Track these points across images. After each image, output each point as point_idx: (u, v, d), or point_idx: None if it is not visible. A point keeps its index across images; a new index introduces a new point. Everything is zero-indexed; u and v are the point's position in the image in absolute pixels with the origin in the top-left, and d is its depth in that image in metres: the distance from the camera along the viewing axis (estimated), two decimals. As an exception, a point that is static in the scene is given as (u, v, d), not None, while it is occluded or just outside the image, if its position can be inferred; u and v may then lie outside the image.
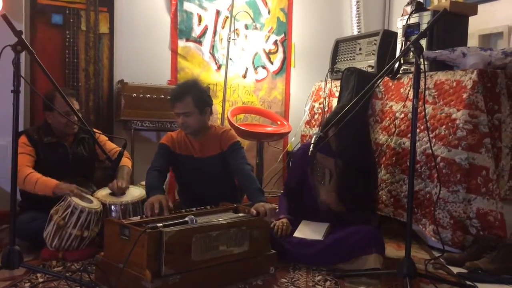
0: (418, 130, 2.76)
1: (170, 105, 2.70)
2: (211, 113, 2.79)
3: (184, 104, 2.61)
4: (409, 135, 2.75)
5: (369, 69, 3.45)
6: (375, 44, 3.47)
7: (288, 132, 4.10)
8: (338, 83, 3.56)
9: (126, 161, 2.88)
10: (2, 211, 2.87)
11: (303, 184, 2.68)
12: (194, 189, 2.76)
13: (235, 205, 2.47)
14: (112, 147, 2.93)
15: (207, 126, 2.78)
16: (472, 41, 3.54)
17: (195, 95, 2.63)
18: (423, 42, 2.96)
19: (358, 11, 4.67)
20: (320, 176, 2.64)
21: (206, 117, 2.73)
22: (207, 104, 2.71)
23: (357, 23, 4.68)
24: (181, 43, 4.02)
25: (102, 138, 2.95)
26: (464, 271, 2.36)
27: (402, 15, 3.31)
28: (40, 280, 2.08)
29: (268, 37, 4.42)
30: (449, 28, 3.04)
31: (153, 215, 2.22)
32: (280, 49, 4.50)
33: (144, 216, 2.22)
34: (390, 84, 3.22)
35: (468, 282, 2.19)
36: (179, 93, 2.65)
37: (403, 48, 3.13)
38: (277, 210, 2.68)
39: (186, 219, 2.05)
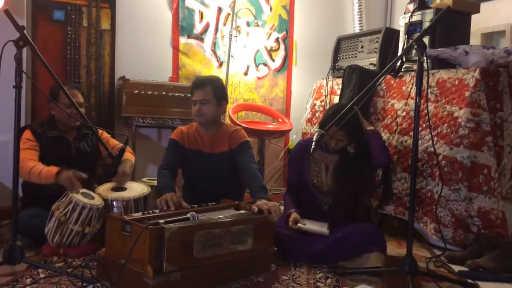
0: (420, 128, 2.76)
1: (190, 93, 2.73)
2: (225, 111, 2.81)
3: (204, 92, 2.65)
4: (411, 133, 2.76)
5: (371, 67, 3.44)
6: (377, 42, 3.46)
7: (290, 130, 4.10)
8: (339, 81, 3.56)
9: (129, 156, 2.88)
10: (4, 207, 2.87)
11: (302, 180, 2.69)
12: (199, 185, 2.75)
13: (236, 202, 2.47)
14: (114, 143, 2.93)
15: (220, 122, 2.79)
16: (474, 40, 3.53)
17: (215, 86, 2.70)
18: (426, 40, 2.95)
19: (360, 8, 4.66)
20: (317, 170, 2.65)
21: (221, 111, 2.76)
22: (224, 98, 2.75)
23: (359, 20, 4.67)
24: (183, 40, 4.01)
25: (105, 135, 2.96)
26: (465, 269, 2.36)
27: (404, 13, 3.30)
28: (42, 275, 2.08)
29: (270, 34, 4.41)
30: (451, 26, 3.04)
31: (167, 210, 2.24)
32: (282, 46, 4.49)
33: (146, 212, 2.22)
34: (392, 82, 3.21)
35: (469, 281, 2.18)
36: (201, 81, 2.71)
37: (405, 46, 3.12)
38: (283, 207, 2.68)
39: (188, 215, 2.05)
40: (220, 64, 4.16)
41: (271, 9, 4.39)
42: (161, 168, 2.64)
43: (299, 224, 2.45)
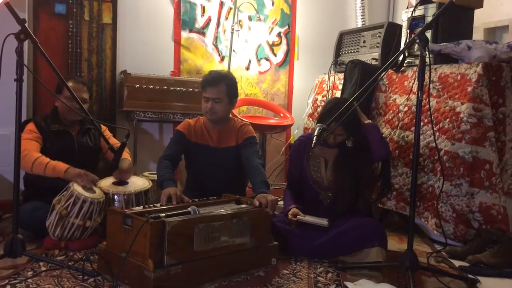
0: (421, 123, 2.74)
1: (201, 89, 2.70)
2: (235, 107, 2.81)
3: (217, 90, 2.63)
4: (413, 128, 2.75)
5: (373, 62, 3.43)
6: (379, 36, 3.45)
7: (291, 125, 4.09)
8: (341, 75, 3.55)
9: (126, 155, 2.89)
10: (5, 200, 2.88)
11: (302, 175, 2.68)
12: (204, 180, 2.74)
13: (237, 196, 2.47)
14: (115, 142, 2.93)
15: (228, 118, 2.78)
16: (477, 35, 3.51)
17: (229, 84, 2.67)
18: (428, 34, 2.94)
19: (362, 3, 4.64)
20: (316, 165, 2.64)
21: (232, 107, 2.75)
22: (236, 95, 2.74)
23: (361, 15, 4.65)
24: (184, 34, 4.00)
25: (107, 133, 2.97)
26: (466, 264, 2.36)
27: (407, 7, 3.28)
28: (43, 268, 2.09)
29: (272, 29, 4.40)
30: (454, 21, 3.02)
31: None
32: (284, 41, 4.48)
33: (147, 206, 2.22)
34: (394, 77, 3.20)
35: (470, 276, 2.18)
36: (214, 78, 2.66)
37: (408, 40, 3.11)
38: (282, 203, 2.67)
39: (189, 209, 2.05)
40: (222, 59, 4.15)
41: (273, 3, 4.38)
42: (163, 158, 2.62)
43: (298, 216, 2.45)
